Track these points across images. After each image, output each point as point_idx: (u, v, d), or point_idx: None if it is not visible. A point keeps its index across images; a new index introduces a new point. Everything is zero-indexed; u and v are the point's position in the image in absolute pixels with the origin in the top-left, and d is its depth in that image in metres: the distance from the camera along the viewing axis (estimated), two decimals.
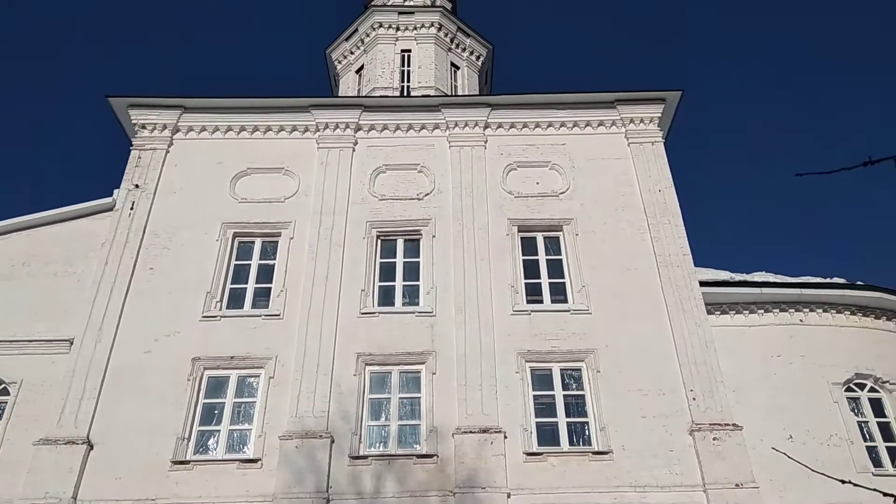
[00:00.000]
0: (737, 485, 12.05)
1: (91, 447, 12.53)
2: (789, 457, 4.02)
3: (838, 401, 13.86)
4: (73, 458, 12.28)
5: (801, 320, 14.87)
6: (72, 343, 13.69)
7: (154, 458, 12.42)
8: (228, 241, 15.40)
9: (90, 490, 12.07)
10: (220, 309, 14.44)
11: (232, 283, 14.99)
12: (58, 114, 58.10)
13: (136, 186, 15.91)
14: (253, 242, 15.61)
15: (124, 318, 14.04)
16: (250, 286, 14.96)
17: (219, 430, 13.08)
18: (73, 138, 56.68)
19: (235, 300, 14.77)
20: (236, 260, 15.35)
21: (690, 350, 13.62)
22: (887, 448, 13.65)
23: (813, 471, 3.44)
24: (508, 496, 12.04)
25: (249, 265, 15.29)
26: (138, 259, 14.89)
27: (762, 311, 14.97)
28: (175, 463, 12.43)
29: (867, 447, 13.47)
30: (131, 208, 15.58)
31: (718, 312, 14.94)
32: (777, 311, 14.96)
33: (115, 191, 15.89)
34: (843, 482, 3.09)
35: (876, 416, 14.08)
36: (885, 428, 13.97)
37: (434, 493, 12.18)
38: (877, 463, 13.38)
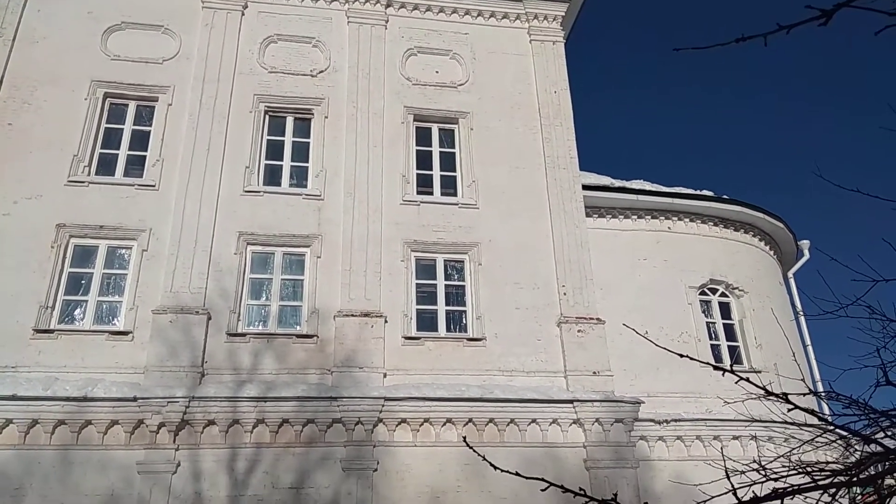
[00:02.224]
0: (594, 372, 13.12)
1: None
2: (653, 342, 4.37)
3: (692, 303, 15.18)
4: None
5: (668, 227, 15.91)
6: None
7: (14, 326, 11.76)
8: (98, 102, 14.14)
9: None
10: (89, 174, 13.44)
11: (102, 148, 13.90)
12: None
13: None
14: (126, 105, 14.42)
15: None
16: (122, 153, 13.95)
17: (86, 301, 12.51)
18: None
19: (106, 166, 13.77)
20: (107, 123, 14.18)
21: (566, 249, 14.29)
22: (728, 347, 15.27)
23: (670, 352, 3.76)
24: (385, 375, 12.50)
25: (122, 130, 14.17)
26: None
27: (635, 216, 15.86)
28: (37, 331, 11.84)
29: (712, 345, 14.99)
30: None
31: (596, 216, 15.67)
32: (649, 217, 15.90)
33: None
34: (681, 356, 3.42)
35: (723, 318, 15.60)
36: (729, 329, 15.55)
37: (313, 370, 12.41)
38: (718, 359, 14.94)
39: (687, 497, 3.65)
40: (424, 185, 14.86)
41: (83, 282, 12.71)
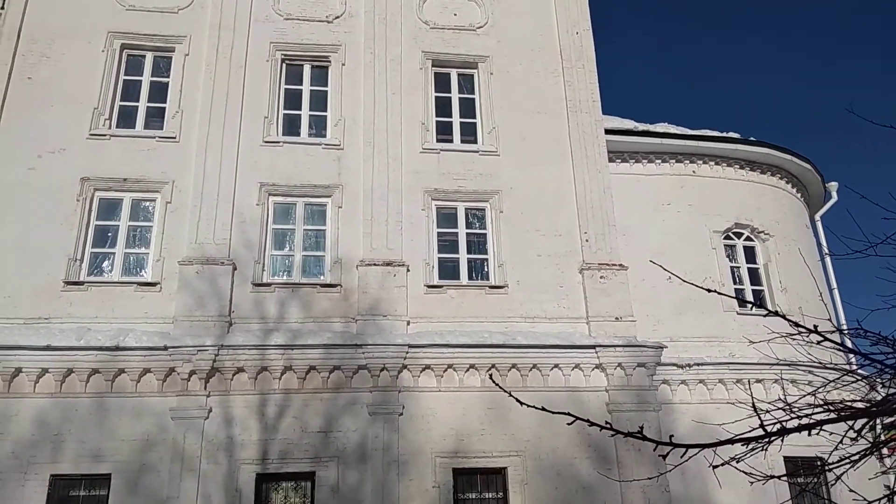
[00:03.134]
0: (617, 318, 13.13)
1: None
2: (681, 278, 4.33)
3: (716, 247, 15.03)
4: None
5: (693, 171, 15.65)
6: None
7: (45, 278, 12.02)
8: (116, 53, 14.08)
9: None
10: (110, 127, 13.49)
11: (122, 101, 13.90)
12: None
13: None
14: (144, 57, 14.34)
15: (2, 132, 12.90)
16: (142, 104, 13.94)
17: (114, 253, 12.72)
18: None
19: (126, 119, 13.80)
20: (125, 75, 14.14)
21: (589, 195, 14.14)
22: (753, 291, 15.15)
23: (699, 287, 3.75)
24: (408, 324, 12.63)
25: (140, 82, 14.15)
26: (14, 67, 13.45)
27: (659, 160, 15.60)
28: (67, 283, 12.09)
29: (736, 290, 14.88)
30: (2, 7, 13.81)
31: (619, 160, 15.44)
32: (673, 161, 15.63)
33: None
34: (709, 291, 3.41)
35: (748, 263, 15.46)
36: (753, 273, 15.41)
37: (337, 319, 12.58)
38: (742, 304, 14.85)
39: (709, 438, 3.70)
40: (444, 132, 14.70)
41: (110, 234, 12.89)
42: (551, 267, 13.54)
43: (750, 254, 15.57)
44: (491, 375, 6.19)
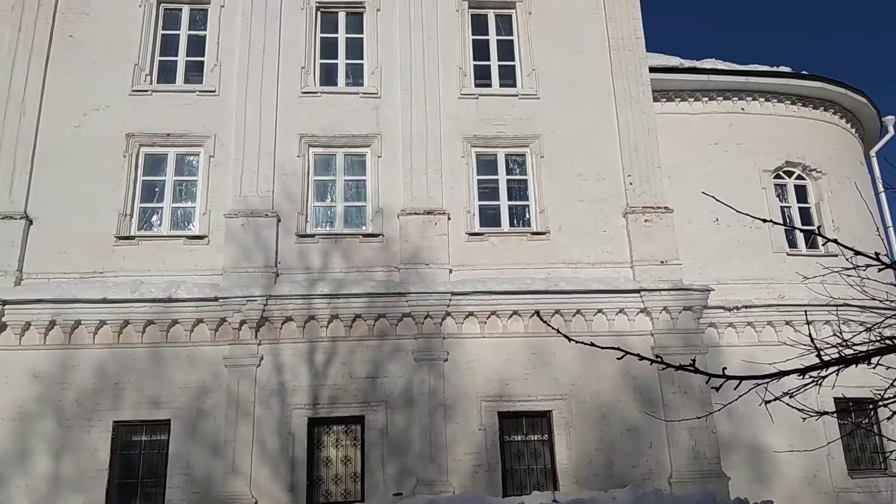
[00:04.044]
0: (662, 261, 12.95)
1: (30, 222, 12.35)
2: (735, 209, 4.21)
3: (766, 187, 14.60)
4: (13, 233, 12.14)
5: (742, 108, 15.11)
6: None
7: (97, 234, 12.39)
8: (153, 8, 14.08)
9: (35, 264, 12.13)
10: (151, 83, 13.61)
11: (161, 55, 13.99)
12: None
13: None
14: (180, 10, 14.31)
15: (47, 91, 13.15)
16: (181, 59, 14.00)
17: (161, 208, 13.01)
18: None
19: (166, 74, 13.89)
20: (163, 29, 14.17)
21: (632, 136, 13.79)
22: (804, 231, 14.73)
23: (754, 217, 3.63)
24: (450, 272, 12.69)
25: (178, 35, 14.17)
26: (55, 25, 13.61)
27: (706, 98, 15.09)
28: (119, 238, 12.45)
29: (786, 230, 14.49)
30: None
31: (664, 99, 15.00)
32: (721, 98, 15.11)
33: None
34: (765, 221, 3.29)
35: (798, 202, 14.99)
36: (804, 213, 14.96)
37: (380, 268, 12.71)
38: (792, 244, 14.49)
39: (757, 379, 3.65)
40: (482, 76, 14.42)
41: (157, 189, 13.16)
42: (594, 211, 13.35)
43: (801, 193, 15.10)
44: (539, 313, 6.25)
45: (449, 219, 13.03)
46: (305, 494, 11.33)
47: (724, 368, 3.55)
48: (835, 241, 3.21)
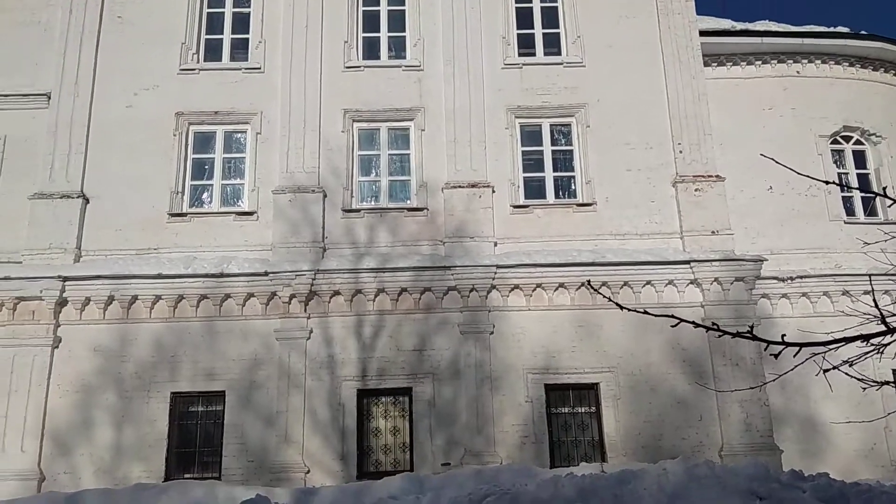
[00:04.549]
0: (713, 231, 12.66)
1: (87, 201, 12.76)
2: (796, 171, 4.05)
3: (823, 153, 14.08)
4: (71, 211, 12.57)
5: (797, 72, 14.53)
6: (49, 97, 13.29)
7: (151, 211, 12.73)
8: None
9: (92, 241, 12.54)
10: (198, 62, 13.80)
11: (207, 34, 14.15)
12: None
13: None
14: None
15: (99, 71, 13.47)
16: (226, 37, 14.13)
17: (212, 185, 13.28)
18: None
19: (212, 52, 14.07)
20: (208, 7, 14.30)
21: (682, 103, 13.43)
22: (862, 199, 14.17)
23: (815, 179, 3.51)
24: (495, 244, 12.65)
25: (223, 13, 14.29)
26: (104, 7, 13.87)
27: (760, 62, 14.56)
28: (172, 215, 12.77)
29: (843, 197, 13.97)
30: None
31: (715, 64, 14.53)
32: (775, 62, 14.55)
33: None
34: (828, 182, 3.17)
35: (857, 168, 14.42)
36: (863, 179, 14.39)
37: (425, 242, 12.76)
38: (850, 212, 13.97)
39: (814, 350, 3.53)
40: (526, 45, 14.18)
41: (206, 167, 13.41)
42: (642, 181, 13.10)
43: (860, 159, 14.51)
44: (590, 282, 6.23)
45: (493, 191, 12.96)
46: (356, 463, 11.59)
47: (783, 335, 3.45)
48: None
